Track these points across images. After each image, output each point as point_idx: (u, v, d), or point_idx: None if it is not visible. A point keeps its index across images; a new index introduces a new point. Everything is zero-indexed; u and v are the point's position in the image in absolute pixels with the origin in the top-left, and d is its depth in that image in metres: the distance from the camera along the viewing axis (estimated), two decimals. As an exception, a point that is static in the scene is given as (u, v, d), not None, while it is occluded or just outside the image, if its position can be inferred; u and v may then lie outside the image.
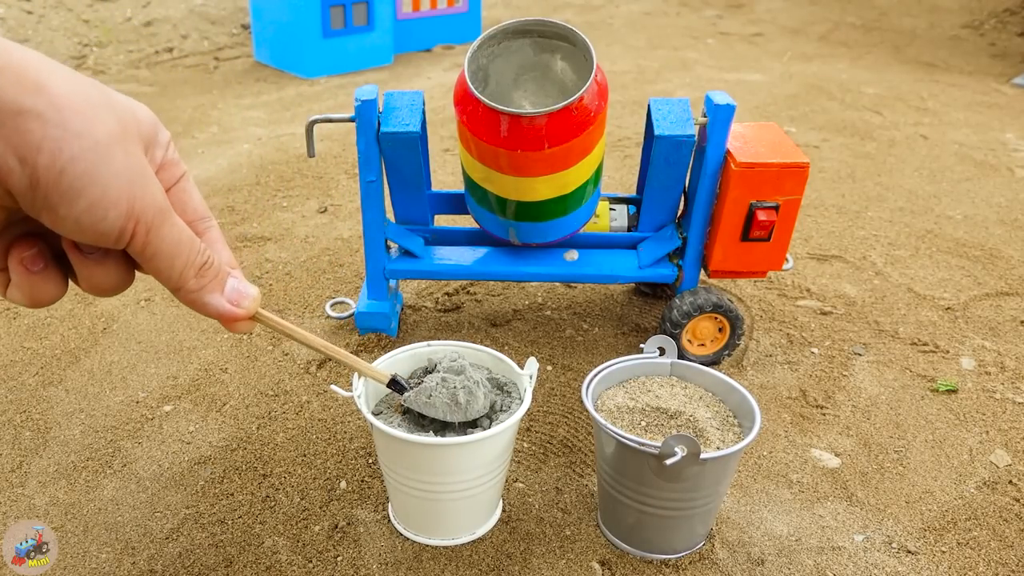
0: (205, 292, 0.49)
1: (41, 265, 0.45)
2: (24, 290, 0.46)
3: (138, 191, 0.42)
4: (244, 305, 0.51)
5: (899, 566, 1.07)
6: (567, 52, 1.26)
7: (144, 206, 0.42)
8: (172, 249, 0.45)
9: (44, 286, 0.46)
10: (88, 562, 1.05)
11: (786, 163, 1.29)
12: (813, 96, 3.12)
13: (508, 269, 1.45)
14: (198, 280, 0.48)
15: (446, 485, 1.00)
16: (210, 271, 0.49)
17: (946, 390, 1.42)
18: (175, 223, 0.45)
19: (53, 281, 0.47)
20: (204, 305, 0.50)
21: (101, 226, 0.41)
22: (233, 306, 0.51)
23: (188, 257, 0.47)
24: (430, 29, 3.76)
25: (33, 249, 0.45)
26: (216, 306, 0.50)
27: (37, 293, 0.46)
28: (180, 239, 0.46)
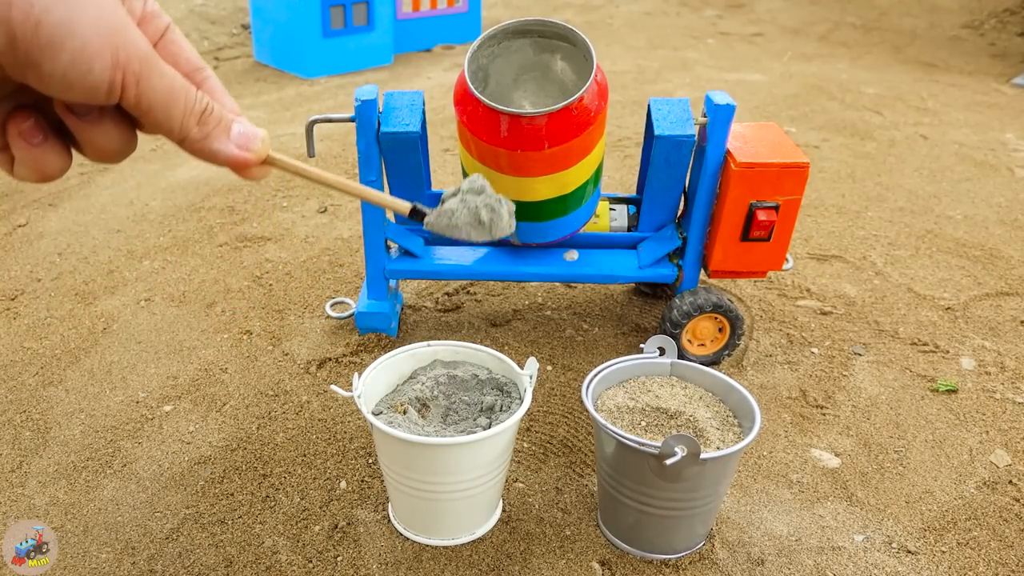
0: (211, 139, 0.48)
1: (40, 137, 0.45)
2: (29, 165, 0.45)
3: (119, 39, 0.41)
4: (253, 148, 0.50)
5: (899, 566, 1.07)
6: (567, 52, 1.26)
7: (128, 55, 0.41)
8: (166, 97, 0.44)
9: (47, 158, 0.46)
10: (88, 562, 1.05)
11: (786, 163, 1.29)
12: (813, 96, 3.12)
13: (508, 269, 1.45)
14: (201, 128, 0.47)
15: (446, 485, 1.00)
16: (212, 117, 0.48)
17: (946, 390, 1.42)
18: (164, 71, 0.44)
19: (55, 152, 0.46)
20: (213, 153, 0.48)
21: (88, 80, 0.41)
22: (242, 151, 0.49)
23: (185, 104, 0.46)
24: (430, 29, 3.76)
25: (29, 120, 0.44)
26: (225, 152, 0.49)
27: (42, 166, 0.46)
28: (172, 86, 0.45)
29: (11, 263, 1.79)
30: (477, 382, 1.12)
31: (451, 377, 1.12)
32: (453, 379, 1.12)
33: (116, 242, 1.89)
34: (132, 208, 2.07)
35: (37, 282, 1.72)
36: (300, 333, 1.54)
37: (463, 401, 1.10)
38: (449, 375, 1.12)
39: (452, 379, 1.12)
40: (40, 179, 0.46)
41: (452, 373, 1.12)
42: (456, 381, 1.12)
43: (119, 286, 1.71)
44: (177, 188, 2.20)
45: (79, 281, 1.72)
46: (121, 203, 2.10)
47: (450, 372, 1.13)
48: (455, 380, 1.12)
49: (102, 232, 1.94)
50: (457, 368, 1.14)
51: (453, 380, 1.12)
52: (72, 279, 1.73)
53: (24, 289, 1.69)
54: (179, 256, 1.83)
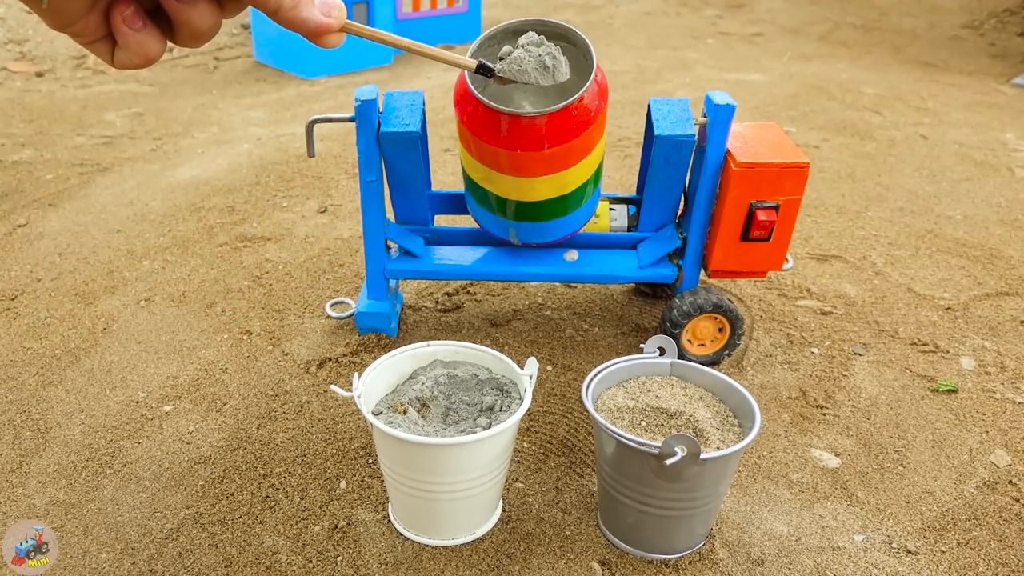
0: (301, 7, 0.51)
1: (140, 23, 0.49)
2: (133, 49, 0.49)
3: None
4: (335, 15, 0.53)
5: (899, 566, 1.07)
6: (567, 52, 1.26)
7: None
8: None
9: (148, 42, 0.49)
10: (88, 562, 1.05)
11: (786, 163, 1.29)
12: (813, 96, 3.12)
13: (508, 269, 1.45)
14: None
15: (446, 485, 1.00)
16: None
17: (946, 390, 1.42)
18: None
19: (154, 36, 0.50)
20: (303, 20, 0.52)
21: None
22: (326, 17, 0.52)
23: None
24: (430, 29, 3.76)
25: (130, 8, 0.48)
26: (313, 19, 0.52)
27: (145, 50, 0.49)
28: None
29: (11, 263, 1.79)
30: (477, 382, 1.12)
31: (451, 377, 1.12)
32: (453, 379, 1.12)
33: (116, 242, 1.89)
34: (132, 208, 2.07)
35: (37, 282, 1.72)
36: (300, 333, 1.54)
37: (463, 401, 1.10)
38: (449, 375, 1.12)
39: (452, 379, 1.12)
40: (143, 62, 0.50)
41: (452, 373, 1.12)
42: (456, 381, 1.12)
43: (119, 286, 1.71)
44: (177, 188, 2.20)
45: (79, 281, 1.72)
46: (121, 203, 2.10)
47: (450, 372, 1.13)
48: (455, 380, 1.12)
49: (102, 232, 1.94)
50: (457, 368, 1.14)
51: (453, 380, 1.12)
52: (72, 279, 1.73)
53: (24, 289, 1.69)
54: (179, 256, 1.83)
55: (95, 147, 2.52)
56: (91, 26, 0.48)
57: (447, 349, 1.16)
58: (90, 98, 3.04)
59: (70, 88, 3.17)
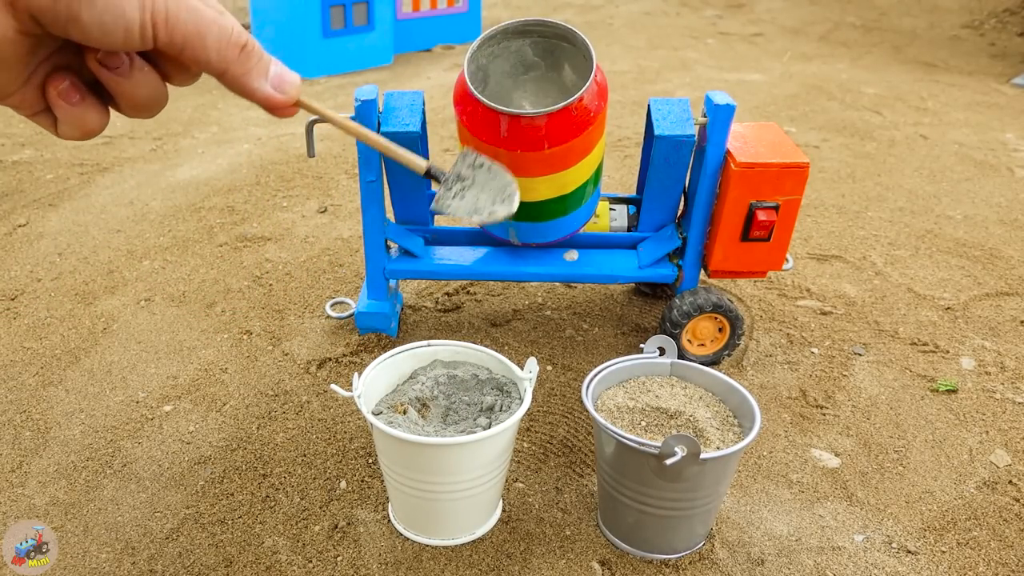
0: (251, 76, 0.49)
1: (78, 96, 0.48)
2: (71, 123, 0.48)
3: None
4: (287, 92, 0.52)
5: (899, 566, 1.07)
6: (567, 52, 1.26)
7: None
8: (197, 28, 0.45)
9: (87, 115, 0.48)
10: (88, 562, 1.05)
11: (786, 163, 1.29)
12: (813, 96, 3.12)
13: (508, 269, 1.45)
14: (242, 63, 0.48)
15: (446, 485, 1.00)
16: (252, 54, 0.49)
17: (946, 390, 1.42)
18: (193, 7, 0.45)
19: (94, 109, 0.49)
20: (251, 91, 0.50)
21: (122, 24, 0.42)
22: (277, 92, 0.51)
23: (220, 34, 0.46)
24: (430, 29, 3.76)
25: (66, 82, 0.47)
26: (261, 91, 0.50)
27: (83, 123, 0.48)
28: (201, 19, 0.45)
29: (11, 263, 1.79)
30: (477, 382, 1.12)
31: (451, 377, 1.12)
32: (453, 379, 1.12)
33: (116, 242, 1.89)
34: (132, 208, 2.07)
35: (37, 282, 1.72)
36: (300, 333, 1.54)
37: (463, 401, 1.10)
38: (449, 375, 1.12)
39: (452, 379, 1.12)
40: (83, 136, 0.49)
41: (452, 373, 1.12)
42: (456, 381, 1.12)
43: (119, 286, 1.71)
44: (177, 188, 2.20)
45: (79, 281, 1.72)
46: (121, 203, 2.10)
47: (450, 372, 1.13)
48: (455, 380, 1.12)
49: (102, 232, 1.94)
50: (457, 368, 1.14)
51: (453, 380, 1.12)
52: (72, 279, 1.73)
53: (24, 289, 1.69)
54: (179, 256, 1.83)
55: (95, 147, 2.52)
56: (28, 99, 0.47)
57: (447, 349, 1.16)
58: (90, 98, 3.04)
59: (70, 88, 3.17)
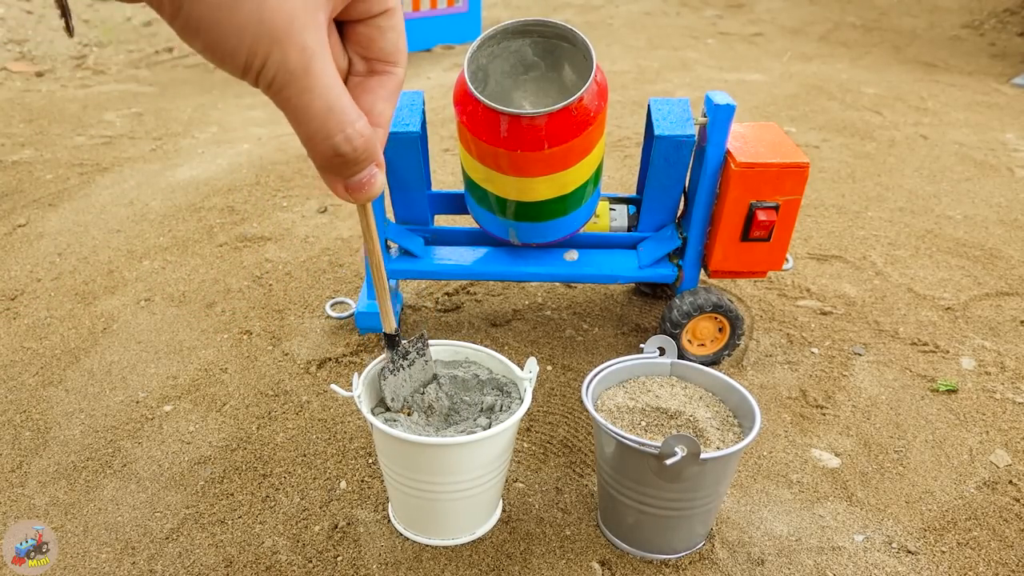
0: (327, 172, 0.48)
1: None
2: None
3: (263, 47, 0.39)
4: (359, 198, 0.51)
5: (899, 566, 1.07)
6: (567, 52, 1.26)
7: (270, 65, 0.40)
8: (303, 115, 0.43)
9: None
10: (88, 562, 1.05)
11: (786, 163, 1.29)
12: (813, 96, 3.12)
13: (508, 269, 1.45)
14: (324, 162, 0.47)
15: (446, 485, 1.00)
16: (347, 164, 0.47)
17: (946, 390, 1.42)
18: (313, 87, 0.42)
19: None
20: (324, 180, 0.50)
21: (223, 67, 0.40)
22: (349, 192, 0.50)
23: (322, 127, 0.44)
24: (430, 29, 3.76)
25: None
26: (333, 186, 0.50)
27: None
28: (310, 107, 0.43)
29: (11, 263, 1.79)
30: (477, 382, 1.12)
31: (451, 377, 1.12)
32: (454, 379, 1.12)
33: (116, 242, 1.89)
34: (132, 208, 2.07)
35: (37, 282, 1.72)
36: (300, 333, 1.54)
37: (463, 401, 1.10)
38: (449, 375, 1.12)
39: (453, 379, 1.12)
40: None
41: (452, 373, 1.12)
42: (456, 381, 1.12)
43: (119, 286, 1.71)
44: (177, 188, 2.20)
45: (79, 281, 1.72)
46: (121, 203, 2.10)
47: (450, 372, 1.13)
48: (455, 380, 1.12)
49: (102, 232, 1.94)
50: (457, 368, 1.14)
51: (454, 380, 1.12)
52: (72, 279, 1.73)
53: (24, 289, 1.69)
54: (179, 256, 1.83)
55: (95, 147, 2.52)
56: None
57: (447, 349, 1.16)
58: (90, 98, 3.04)
59: (70, 88, 3.17)
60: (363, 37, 0.47)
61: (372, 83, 0.48)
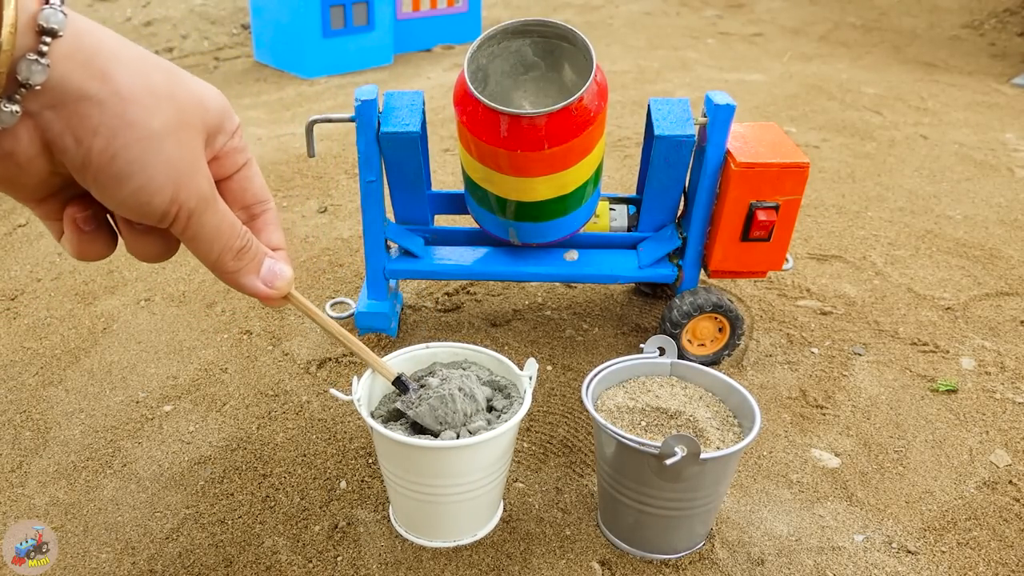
0: (241, 274, 0.53)
1: (92, 227, 0.49)
2: (74, 245, 0.50)
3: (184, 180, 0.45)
4: (277, 286, 0.55)
5: (899, 566, 1.07)
6: (567, 52, 1.26)
7: (188, 195, 0.46)
8: (211, 234, 0.49)
9: (93, 245, 0.50)
10: (88, 562, 1.05)
11: (786, 163, 1.29)
12: (813, 96, 3.12)
13: (508, 269, 1.45)
14: (235, 263, 0.52)
15: (447, 488, 1.00)
16: (247, 255, 0.52)
17: (946, 390, 1.42)
18: (217, 210, 0.49)
19: (102, 241, 0.50)
20: (240, 286, 0.54)
21: (146, 209, 0.45)
22: (267, 287, 0.55)
23: (227, 242, 0.50)
24: (430, 29, 3.76)
25: (87, 212, 0.48)
26: (251, 287, 0.54)
27: (85, 250, 0.50)
28: (220, 226, 0.49)
29: (11, 263, 1.79)
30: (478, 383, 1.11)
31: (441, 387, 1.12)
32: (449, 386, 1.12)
33: (116, 242, 1.89)
34: (132, 208, 2.07)
35: (37, 282, 1.72)
36: (300, 333, 1.54)
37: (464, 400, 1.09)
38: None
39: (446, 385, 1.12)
40: (79, 258, 0.51)
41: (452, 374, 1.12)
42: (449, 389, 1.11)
43: (119, 286, 1.71)
44: (177, 188, 2.19)
45: (79, 281, 1.72)
46: (121, 203, 2.10)
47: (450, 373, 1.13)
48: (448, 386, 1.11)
49: (102, 232, 1.94)
50: (457, 369, 1.14)
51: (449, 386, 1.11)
52: (72, 279, 1.73)
53: (24, 289, 1.69)
54: (179, 256, 1.83)
55: (95, 147, 2.51)
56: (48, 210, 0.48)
57: (446, 351, 1.15)
58: (90, 98, 3.04)
59: (70, 88, 3.17)
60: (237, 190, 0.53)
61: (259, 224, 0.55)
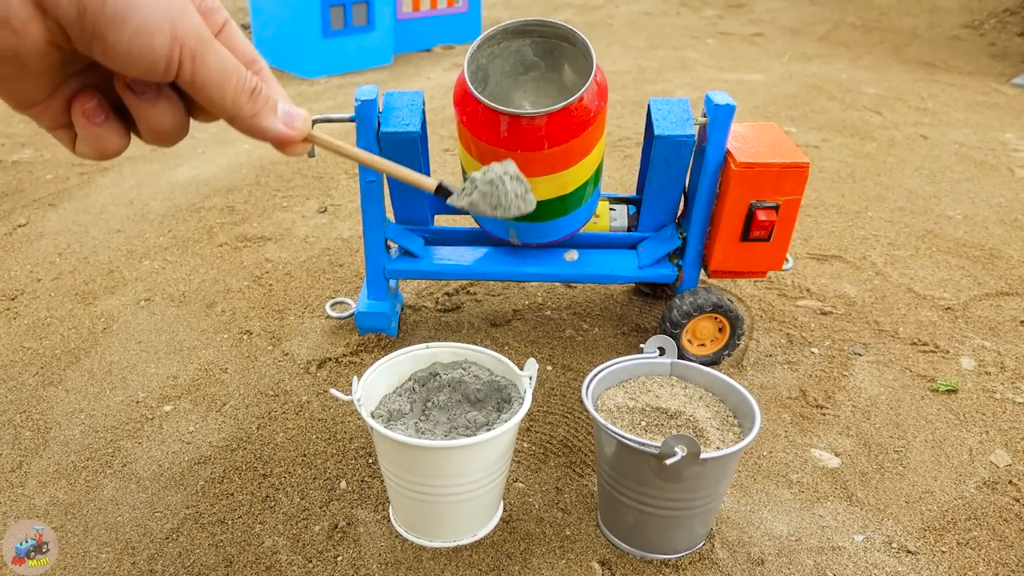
0: (260, 117, 0.51)
1: (102, 117, 0.48)
2: (90, 143, 0.48)
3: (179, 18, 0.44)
4: (297, 126, 0.53)
5: (899, 566, 1.07)
6: (567, 52, 1.26)
7: (185, 32, 0.44)
8: (219, 76, 0.47)
9: (108, 137, 0.49)
10: (88, 562, 1.05)
11: (786, 163, 1.29)
12: (813, 96, 3.12)
13: (508, 269, 1.45)
14: (252, 105, 0.50)
15: (447, 488, 1.00)
16: (261, 96, 0.51)
17: (946, 390, 1.42)
18: (219, 51, 0.47)
19: (116, 132, 0.49)
20: (262, 130, 0.52)
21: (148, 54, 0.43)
22: (288, 128, 0.53)
23: (237, 83, 0.49)
24: (430, 29, 3.76)
25: (93, 101, 0.47)
26: (273, 129, 0.52)
27: (102, 144, 0.49)
28: (225, 66, 0.48)
29: (11, 263, 1.79)
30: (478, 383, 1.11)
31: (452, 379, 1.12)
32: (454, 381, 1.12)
33: (116, 242, 1.89)
34: (132, 208, 2.07)
35: (37, 282, 1.72)
36: (300, 333, 1.54)
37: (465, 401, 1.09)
38: (450, 377, 1.12)
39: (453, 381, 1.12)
40: (99, 156, 0.49)
41: (453, 375, 1.12)
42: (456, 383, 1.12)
43: (119, 286, 1.71)
44: (177, 188, 2.20)
45: (79, 281, 1.72)
46: (121, 203, 2.10)
47: (451, 374, 1.13)
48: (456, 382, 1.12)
49: (102, 232, 1.94)
50: (457, 369, 1.14)
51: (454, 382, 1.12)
52: (72, 279, 1.73)
53: (24, 289, 1.69)
54: (179, 256, 1.83)
55: (95, 147, 2.52)
56: (52, 112, 0.47)
57: (446, 350, 1.15)
58: (90, 98, 3.04)
59: (70, 88, 3.17)
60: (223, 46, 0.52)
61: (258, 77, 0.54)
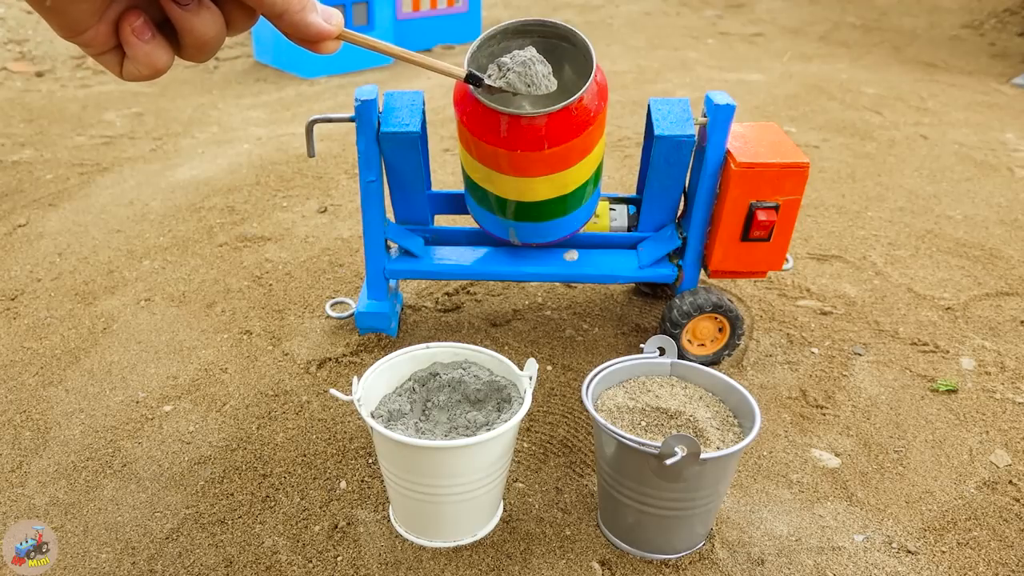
0: (308, 11, 0.53)
1: (149, 34, 0.50)
2: (141, 60, 0.50)
3: None
4: (334, 23, 0.56)
5: (899, 566, 1.07)
6: (567, 52, 1.26)
7: None
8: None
9: (157, 53, 0.51)
10: (88, 562, 1.05)
11: (786, 163, 1.29)
12: (813, 96, 3.12)
13: (508, 269, 1.45)
14: (299, 1, 0.53)
15: (447, 488, 1.00)
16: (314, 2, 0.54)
17: (946, 390, 1.42)
18: None
19: (163, 47, 0.51)
20: (307, 24, 0.54)
21: None
22: (327, 23, 0.55)
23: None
24: (430, 29, 3.76)
25: (140, 19, 0.49)
26: (316, 23, 0.54)
27: (152, 60, 0.51)
28: None
29: (11, 263, 1.79)
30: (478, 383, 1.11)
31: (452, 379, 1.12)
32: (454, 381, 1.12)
33: (116, 242, 1.89)
34: (132, 208, 2.07)
35: (37, 282, 1.72)
36: (300, 333, 1.54)
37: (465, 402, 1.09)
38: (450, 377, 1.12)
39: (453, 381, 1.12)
40: (152, 74, 0.51)
41: (453, 375, 1.12)
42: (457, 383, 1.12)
43: (119, 286, 1.71)
44: (177, 188, 2.20)
45: (79, 281, 1.72)
46: (121, 203, 2.10)
47: (451, 374, 1.13)
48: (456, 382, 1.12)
49: (102, 232, 1.94)
50: (457, 369, 1.14)
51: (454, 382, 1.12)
52: (72, 279, 1.73)
53: (24, 289, 1.69)
54: (179, 256, 1.83)
55: (95, 147, 2.52)
56: (101, 37, 0.48)
57: (446, 351, 1.16)
58: (90, 98, 3.04)
59: (70, 88, 3.17)
60: None
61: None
